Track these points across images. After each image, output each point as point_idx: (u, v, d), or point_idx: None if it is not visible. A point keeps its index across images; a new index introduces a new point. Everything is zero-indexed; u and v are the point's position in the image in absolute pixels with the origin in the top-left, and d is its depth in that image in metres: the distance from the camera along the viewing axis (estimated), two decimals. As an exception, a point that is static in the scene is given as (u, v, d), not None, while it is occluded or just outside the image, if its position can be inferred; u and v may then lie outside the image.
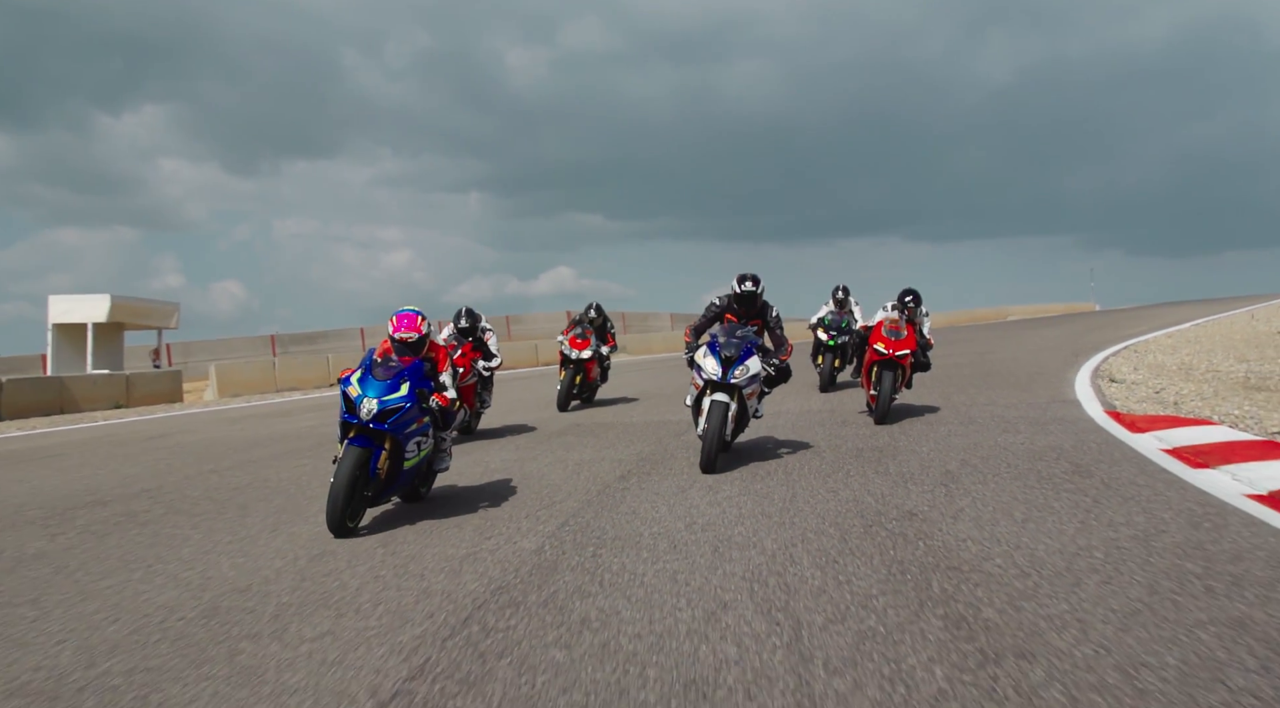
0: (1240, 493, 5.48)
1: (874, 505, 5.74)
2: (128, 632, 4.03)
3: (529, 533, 5.50)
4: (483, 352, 10.08)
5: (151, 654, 3.72)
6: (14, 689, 3.42)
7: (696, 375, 7.40)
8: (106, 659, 3.69)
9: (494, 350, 10.15)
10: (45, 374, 25.42)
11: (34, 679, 3.51)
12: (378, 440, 5.74)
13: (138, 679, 3.46)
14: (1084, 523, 5.03)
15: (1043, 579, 4.10)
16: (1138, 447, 7.18)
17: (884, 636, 3.51)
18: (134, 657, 3.70)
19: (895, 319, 9.63)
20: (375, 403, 5.68)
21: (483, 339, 10.13)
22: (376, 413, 5.66)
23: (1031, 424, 8.64)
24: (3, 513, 7.05)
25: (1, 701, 3.32)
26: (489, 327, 10.28)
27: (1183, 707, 2.81)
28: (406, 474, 5.99)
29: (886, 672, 3.17)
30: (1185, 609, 3.63)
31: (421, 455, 6.07)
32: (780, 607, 3.91)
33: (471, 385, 9.86)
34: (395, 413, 5.72)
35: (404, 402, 5.78)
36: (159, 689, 3.35)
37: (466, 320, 9.98)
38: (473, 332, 10.05)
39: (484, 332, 10.18)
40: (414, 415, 5.88)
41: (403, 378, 5.88)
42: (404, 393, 5.80)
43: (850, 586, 4.15)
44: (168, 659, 3.66)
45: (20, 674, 3.57)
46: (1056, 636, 3.43)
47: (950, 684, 3.05)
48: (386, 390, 5.76)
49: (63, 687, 3.42)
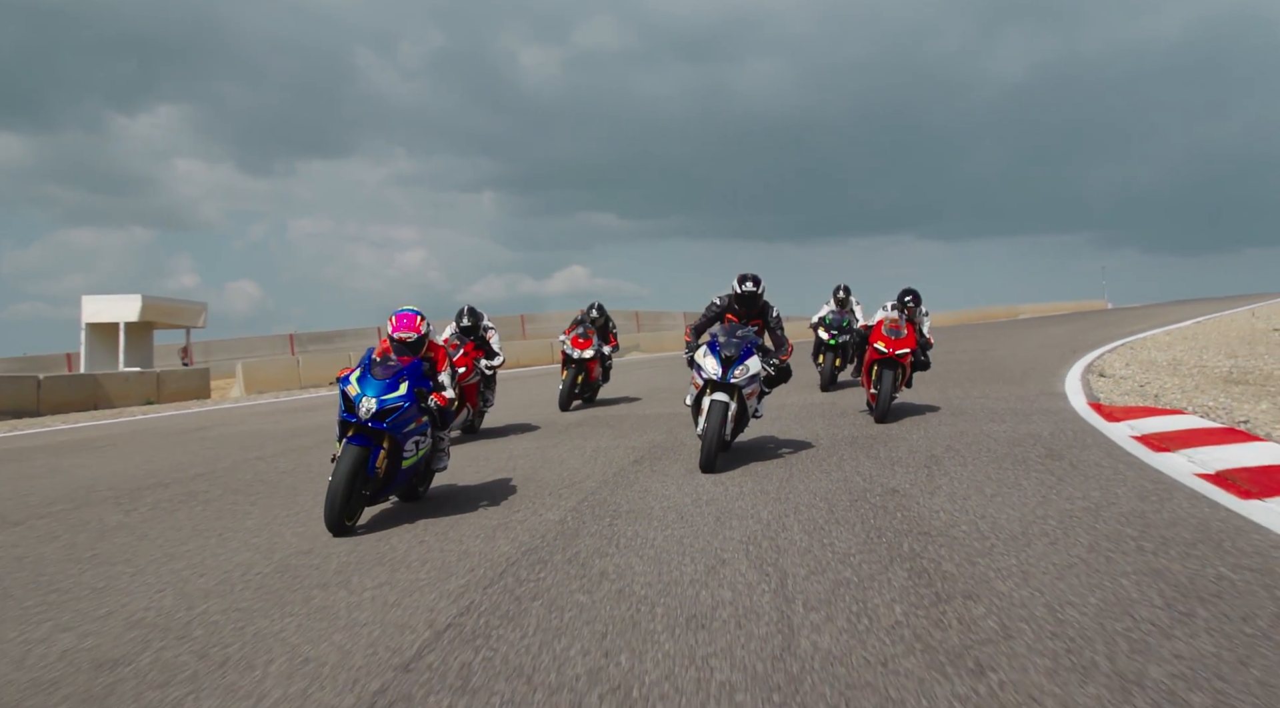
0: (1191, 472, 6.10)
1: (861, 484, 6.39)
2: (215, 583, 4.73)
3: (553, 507, 6.18)
4: (485, 350, 10.12)
5: (239, 599, 4.43)
6: (133, 624, 4.12)
7: (696, 375, 7.45)
8: (202, 603, 4.39)
9: (496, 349, 10.22)
10: (69, 372, 26.38)
11: (146, 617, 4.22)
12: (376, 439, 5.76)
13: (233, 616, 4.16)
14: (1045, 497, 5.66)
15: (998, 541, 4.75)
16: (1110, 434, 7.80)
17: (856, 583, 4.17)
18: (225, 600, 4.40)
19: (895, 319, 9.76)
20: (374, 402, 5.71)
21: (485, 338, 10.19)
22: (375, 412, 5.69)
23: (1017, 415, 9.26)
24: (75, 493, 7.78)
25: (125, 630, 4.02)
26: (491, 325, 10.37)
27: (1092, 632, 3.45)
28: (404, 473, 6.02)
29: (854, 609, 3.83)
30: (1115, 563, 4.27)
31: (420, 455, 6.11)
32: (771, 562, 4.57)
33: (474, 384, 9.91)
34: (394, 412, 5.75)
35: (402, 401, 5.81)
36: (252, 624, 4.04)
37: (469, 319, 10.06)
38: (475, 330, 10.11)
39: (486, 330, 10.24)
40: (412, 415, 5.90)
41: (401, 377, 5.90)
42: (403, 392, 5.83)
43: (832, 547, 4.81)
44: (254, 602, 4.36)
45: (134, 614, 4.27)
46: (1001, 583, 4.07)
47: (906, 618, 3.70)
48: (385, 390, 5.79)
49: (172, 621, 4.12)
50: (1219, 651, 3.22)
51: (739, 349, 7.35)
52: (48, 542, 5.93)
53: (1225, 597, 3.76)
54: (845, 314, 13.06)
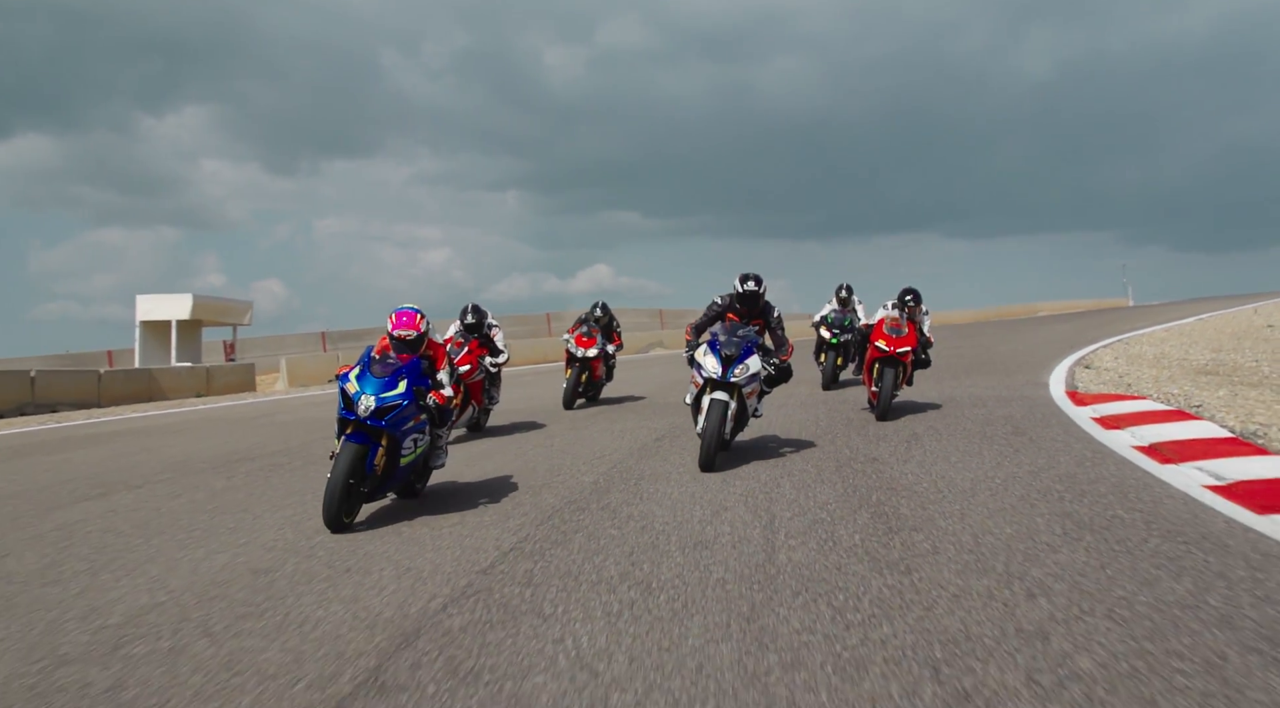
0: (1129, 445, 7.18)
1: (848, 454, 7.54)
2: (321, 524, 5.96)
3: (587, 472, 7.37)
4: (489, 348, 10.22)
5: (355, 529, 5.65)
6: (269, 548, 5.36)
7: (696, 374, 7.48)
8: (318, 536, 5.62)
9: (501, 346, 10.33)
10: (109, 367, 27.96)
11: (278, 544, 5.45)
12: (375, 437, 5.82)
13: (343, 543, 5.39)
14: (999, 463, 6.77)
15: (950, 494, 5.87)
16: (1073, 416, 8.87)
17: (827, 522, 5.32)
18: (333, 535, 5.62)
19: (896, 317, 9.88)
20: (373, 400, 5.77)
21: (489, 335, 10.30)
22: (374, 410, 5.76)
23: (998, 401, 10.33)
24: (175, 465, 9.07)
25: (264, 552, 5.26)
26: (495, 323, 10.48)
27: (999, 550, 4.57)
28: (403, 471, 6.07)
29: (823, 537, 4.98)
30: (1037, 508, 5.38)
31: (418, 452, 6.15)
32: (764, 509, 5.73)
33: (479, 382, 10.03)
34: (393, 410, 5.81)
35: (401, 399, 5.85)
36: (361, 548, 5.27)
37: (473, 317, 10.17)
38: (479, 328, 10.22)
39: (490, 328, 10.35)
40: (411, 413, 5.94)
41: (400, 375, 5.94)
42: (401, 390, 5.88)
43: (814, 498, 5.96)
44: (357, 535, 5.58)
45: (267, 542, 5.52)
46: (943, 521, 5.20)
47: (862, 542, 4.85)
48: (384, 387, 5.84)
49: (298, 547, 5.36)
50: (1089, 560, 4.34)
51: (739, 348, 7.40)
52: (171, 499, 7.19)
53: (1111, 528, 4.87)
54: (847, 313, 13.20)
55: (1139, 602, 3.72)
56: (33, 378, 20.45)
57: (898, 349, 9.62)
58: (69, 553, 5.50)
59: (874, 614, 3.74)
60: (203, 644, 3.78)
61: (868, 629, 3.57)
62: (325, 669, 3.44)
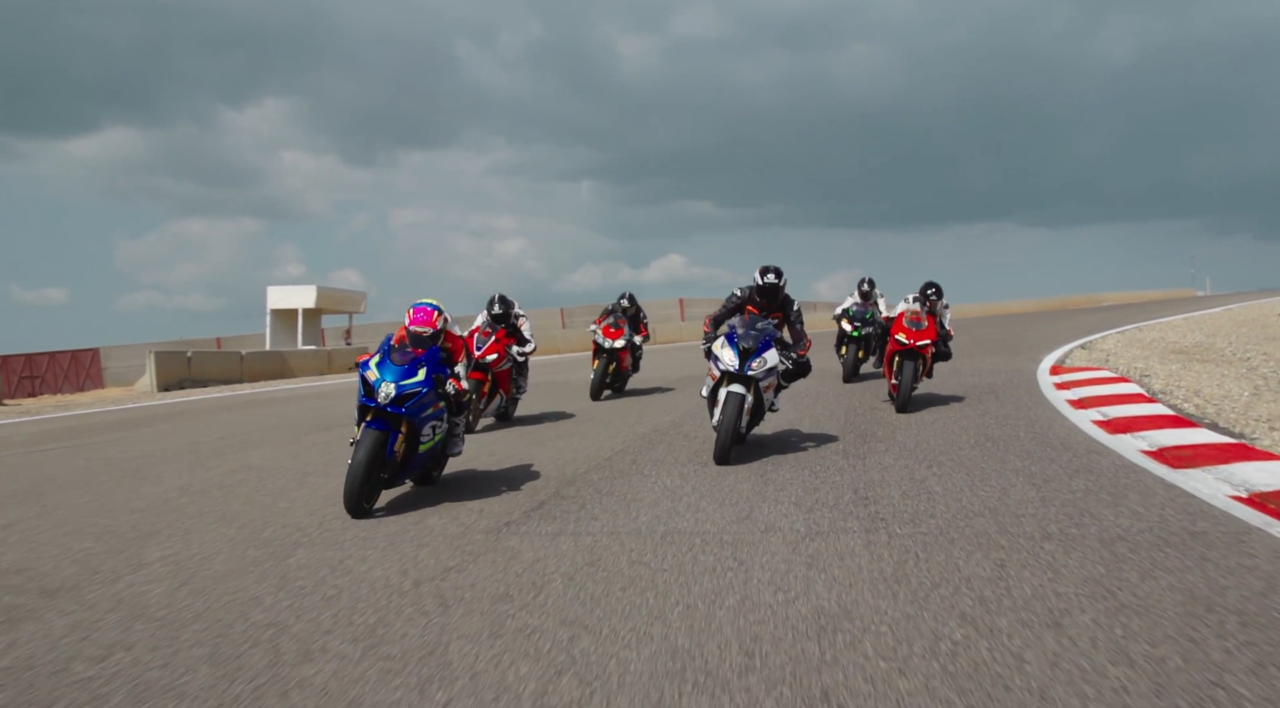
0: (1065, 400, 9.68)
1: (854, 408, 10.19)
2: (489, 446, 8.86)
3: (641, 428, 10.16)
4: (516, 337, 10.47)
5: (502, 447, 8.56)
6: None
7: (713, 366, 7.47)
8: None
9: (528, 336, 10.57)
10: (249, 352, 31.92)
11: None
12: (394, 424, 5.91)
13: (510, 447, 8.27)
14: (967, 417, 9.29)
15: (914, 426, 8.50)
16: (1041, 383, 11.36)
17: (809, 462, 8.00)
18: (502, 445, 8.54)
19: (916, 311, 10.13)
20: (393, 387, 5.84)
21: (516, 325, 10.53)
22: (394, 397, 5.83)
23: (992, 373, 12.83)
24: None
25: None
26: (522, 313, 10.67)
27: (927, 449, 7.20)
28: (421, 457, 6.18)
29: (807, 461, 7.67)
30: (967, 432, 7.98)
31: (436, 439, 6.26)
32: (763, 454, 8.43)
33: (506, 371, 10.29)
34: (412, 397, 5.90)
35: (421, 386, 5.95)
36: (507, 464, 8.14)
37: (500, 307, 10.39)
38: (506, 318, 10.42)
39: (517, 318, 10.55)
40: (430, 400, 6.05)
41: (420, 364, 6.05)
42: (421, 378, 5.98)
43: (822, 431, 8.64)
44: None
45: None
46: (899, 436, 7.84)
47: (845, 460, 7.53)
48: (404, 375, 5.94)
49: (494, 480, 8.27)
50: (981, 455, 6.96)
51: (757, 342, 7.36)
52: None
53: (1009, 442, 7.46)
54: (869, 306, 13.31)
55: (991, 471, 6.37)
56: (189, 358, 24.18)
57: (918, 342, 9.84)
58: (338, 453, 8.54)
59: (837, 467, 6.48)
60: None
61: (829, 476, 6.31)
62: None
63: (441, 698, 3.02)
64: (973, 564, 4.19)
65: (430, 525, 5.53)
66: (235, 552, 5.09)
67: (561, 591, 4.12)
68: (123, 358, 32.56)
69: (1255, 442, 6.81)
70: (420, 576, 4.45)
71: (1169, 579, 3.85)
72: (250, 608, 4.05)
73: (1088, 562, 4.14)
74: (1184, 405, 8.77)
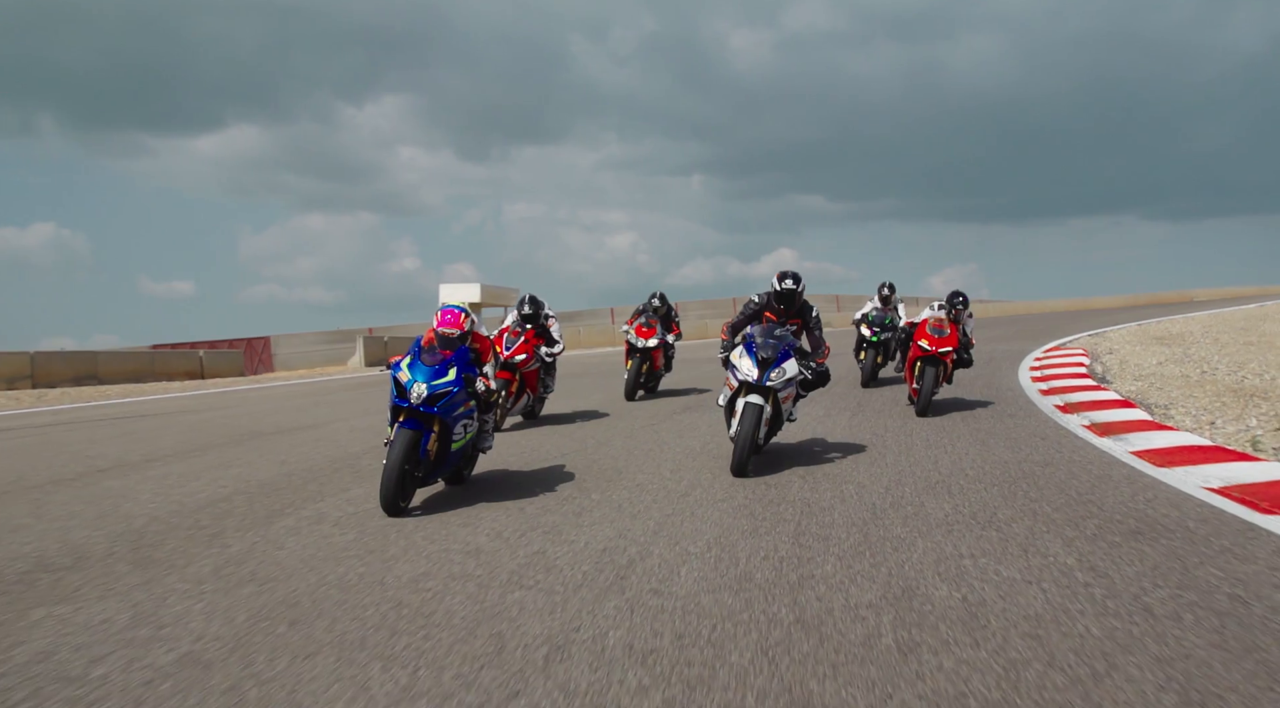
0: (1031, 376, 12.99)
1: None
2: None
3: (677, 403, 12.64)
4: (545, 338, 10.60)
5: (616, 432, 12.28)
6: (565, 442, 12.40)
7: (731, 376, 7.29)
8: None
9: (556, 337, 10.68)
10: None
11: (574, 452, 11.56)
12: (427, 423, 6.01)
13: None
14: (955, 385, 11.99)
15: (898, 404, 11.25)
16: (1026, 362, 13.94)
17: (796, 427, 11.61)
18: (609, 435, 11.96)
19: (940, 318, 10.37)
20: (425, 387, 5.94)
21: (545, 326, 10.64)
22: (426, 397, 5.93)
23: (1003, 354, 15.36)
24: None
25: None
26: (552, 313, 10.81)
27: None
28: (454, 455, 6.29)
29: (808, 423, 11.13)
30: (941, 397, 11.29)
31: (468, 437, 6.38)
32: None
33: (534, 371, 10.41)
34: (444, 397, 6.01)
35: (452, 386, 6.06)
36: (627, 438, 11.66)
37: (530, 308, 10.56)
38: (535, 319, 10.58)
39: (547, 319, 10.68)
40: (461, 399, 6.17)
41: (450, 363, 6.16)
42: (452, 378, 6.09)
43: (825, 405, 12.14)
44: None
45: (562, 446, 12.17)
46: (901, 422, 10.93)
47: (852, 424, 10.58)
48: (435, 375, 6.04)
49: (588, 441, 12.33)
50: (944, 420, 10.59)
51: (776, 351, 7.21)
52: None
53: (973, 408, 10.09)
54: (889, 312, 13.43)
55: (950, 429, 8.44)
56: (386, 342, 29.57)
57: (940, 349, 10.09)
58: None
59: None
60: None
61: (816, 428, 9.70)
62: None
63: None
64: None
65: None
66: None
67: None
68: (289, 345, 37.63)
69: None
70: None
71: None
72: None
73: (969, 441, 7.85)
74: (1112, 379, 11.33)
